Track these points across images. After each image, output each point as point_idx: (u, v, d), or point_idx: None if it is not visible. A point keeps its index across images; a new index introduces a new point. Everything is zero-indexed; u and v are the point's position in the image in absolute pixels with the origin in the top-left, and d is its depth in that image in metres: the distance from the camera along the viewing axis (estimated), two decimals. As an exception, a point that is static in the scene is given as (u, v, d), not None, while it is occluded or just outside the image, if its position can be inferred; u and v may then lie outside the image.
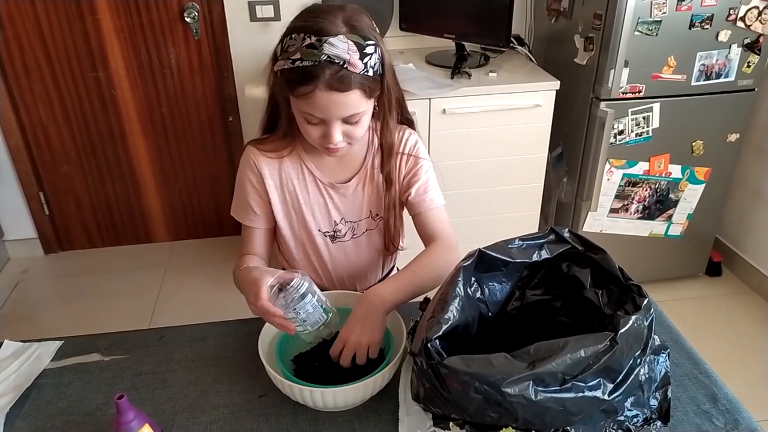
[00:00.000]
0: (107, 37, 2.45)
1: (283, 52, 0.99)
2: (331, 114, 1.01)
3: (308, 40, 0.96)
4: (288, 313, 0.93)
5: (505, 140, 2.25)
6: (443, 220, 1.21)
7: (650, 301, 0.84)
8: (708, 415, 0.94)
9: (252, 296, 0.95)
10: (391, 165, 1.18)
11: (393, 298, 1.03)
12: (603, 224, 2.38)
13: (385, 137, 1.16)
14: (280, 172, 1.16)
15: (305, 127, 1.05)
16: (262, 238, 1.21)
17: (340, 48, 0.95)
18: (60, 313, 2.52)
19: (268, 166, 1.16)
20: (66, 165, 2.71)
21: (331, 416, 0.95)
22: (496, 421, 0.79)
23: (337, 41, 0.95)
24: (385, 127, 1.15)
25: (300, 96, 0.99)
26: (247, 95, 2.61)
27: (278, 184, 1.17)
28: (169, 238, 2.98)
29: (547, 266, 0.97)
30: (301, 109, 1.03)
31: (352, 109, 1.01)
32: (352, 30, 0.98)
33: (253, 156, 1.16)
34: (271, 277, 0.95)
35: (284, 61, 0.99)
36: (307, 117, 1.03)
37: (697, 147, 2.27)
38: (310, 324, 0.96)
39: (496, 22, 2.21)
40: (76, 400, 1.00)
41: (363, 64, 0.97)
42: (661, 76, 2.11)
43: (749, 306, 2.49)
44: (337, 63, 0.95)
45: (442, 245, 1.16)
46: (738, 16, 2.04)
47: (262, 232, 1.20)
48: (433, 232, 1.19)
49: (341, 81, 0.97)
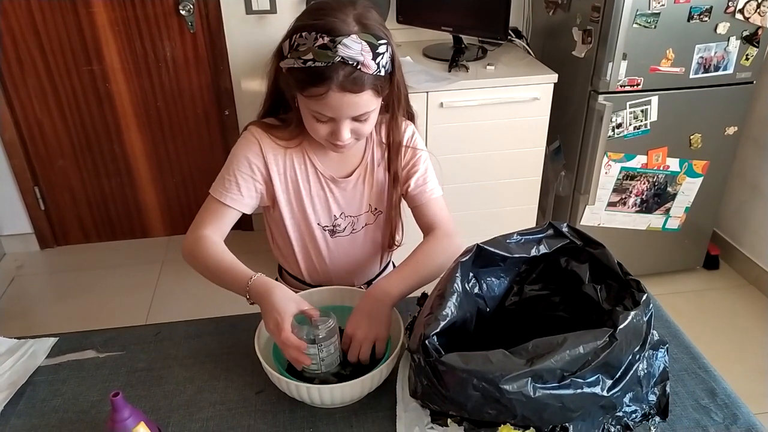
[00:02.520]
0: (102, 31, 2.43)
1: (292, 50, 0.97)
2: (342, 114, 1.00)
3: (321, 40, 0.93)
4: (310, 348, 0.92)
5: (503, 134, 2.24)
6: (442, 208, 1.20)
7: (649, 297, 0.83)
8: (707, 410, 0.93)
9: (272, 323, 0.92)
10: (399, 162, 1.17)
11: (398, 291, 1.02)
12: (601, 218, 2.38)
13: (394, 134, 1.15)
14: (284, 160, 1.14)
15: (313, 124, 1.04)
16: (230, 222, 1.13)
17: (354, 49, 0.93)
18: (56, 309, 2.51)
19: (273, 152, 1.13)
20: (61, 159, 2.69)
21: (328, 413, 0.95)
22: (495, 417, 0.79)
23: (350, 42, 0.93)
24: (393, 124, 1.14)
25: (311, 96, 0.98)
26: (243, 89, 2.59)
27: (281, 171, 1.14)
28: (166, 233, 2.97)
29: (546, 261, 0.97)
30: (311, 108, 1.01)
31: (363, 108, 1.00)
32: (364, 29, 0.96)
33: (259, 137, 1.12)
34: (294, 304, 0.94)
35: (294, 60, 0.96)
36: (316, 115, 1.02)
37: (695, 140, 2.26)
38: (326, 365, 0.95)
39: (494, 14, 2.19)
40: (71, 398, 0.99)
41: (376, 65, 0.96)
42: (660, 69, 2.10)
43: (747, 299, 2.49)
44: (351, 64, 0.94)
45: (442, 233, 1.15)
46: (737, 8, 2.03)
47: (234, 214, 1.12)
48: (432, 221, 1.18)
49: (354, 82, 0.95)
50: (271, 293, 0.95)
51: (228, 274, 1.04)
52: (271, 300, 0.94)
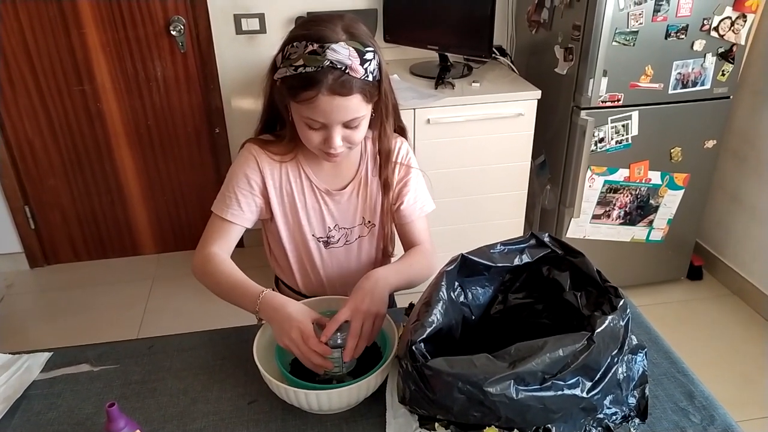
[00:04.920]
0: (93, 51, 2.46)
1: (285, 59, 1.02)
2: (333, 118, 1.04)
3: (310, 47, 0.99)
4: (334, 353, 0.97)
5: (489, 149, 2.29)
6: (426, 229, 1.27)
7: (626, 302, 0.87)
8: (685, 412, 0.97)
9: (295, 333, 0.95)
10: (389, 170, 1.22)
11: (395, 280, 1.08)
12: (586, 230, 2.42)
13: (383, 143, 1.20)
14: (280, 174, 1.18)
15: (306, 132, 1.08)
16: (235, 237, 1.18)
17: (341, 54, 0.99)
18: (47, 328, 2.50)
19: (270, 167, 1.17)
20: (52, 179, 2.70)
21: (320, 421, 0.97)
22: (480, 420, 0.81)
23: (338, 47, 0.99)
24: (382, 133, 1.18)
25: (303, 101, 1.02)
26: (234, 107, 2.63)
27: (278, 185, 1.19)
28: (156, 251, 2.98)
29: (529, 270, 1.00)
30: (303, 115, 1.05)
31: (353, 113, 1.05)
32: (351, 37, 1.02)
33: (256, 154, 1.17)
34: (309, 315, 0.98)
35: (286, 69, 1.02)
36: (308, 122, 1.06)
37: (675, 153, 2.32)
38: (347, 366, 1.01)
39: (479, 33, 2.25)
40: (66, 411, 1.01)
41: (363, 70, 1.01)
42: (639, 85, 2.16)
43: (730, 308, 2.53)
44: (339, 68, 0.99)
45: (426, 249, 1.24)
46: (711, 26, 2.10)
47: (238, 229, 1.17)
48: (416, 239, 1.26)
49: (343, 86, 1.00)
50: (286, 306, 0.99)
51: (238, 289, 1.07)
52: (287, 312, 0.98)
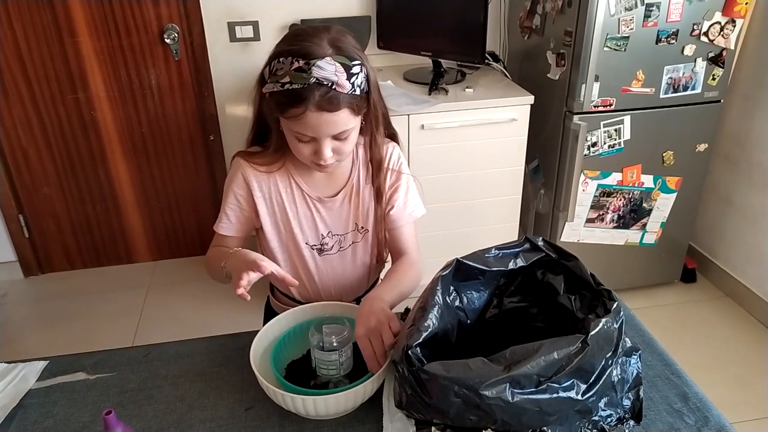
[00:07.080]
0: (87, 59, 2.47)
1: (272, 75, 1.03)
2: (322, 132, 1.05)
3: (296, 63, 0.99)
4: (332, 355, 0.99)
5: (483, 154, 2.30)
6: (414, 235, 1.28)
7: (620, 305, 0.88)
8: (679, 414, 0.97)
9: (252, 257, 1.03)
10: (381, 179, 1.22)
11: (389, 298, 1.09)
12: (580, 234, 2.44)
13: (374, 152, 1.20)
14: (269, 185, 1.20)
15: (296, 145, 1.09)
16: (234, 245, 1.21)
17: (327, 70, 0.99)
18: (41, 337, 2.49)
19: (256, 178, 1.19)
20: (46, 187, 2.70)
21: (317, 426, 0.97)
22: (476, 423, 0.82)
23: (324, 64, 0.99)
24: (373, 142, 1.19)
25: (290, 117, 1.03)
26: (228, 114, 2.63)
27: (267, 196, 1.20)
28: (151, 258, 2.97)
29: (523, 274, 1.01)
30: (292, 129, 1.06)
31: (342, 126, 1.05)
32: (338, 51, 1.01)
33: (242, 168, 1.19)
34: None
35: (273, 84, 1.02)
36: (298, 136, 1.07)
37: (667, 157, 2.34)
38: (344, 368, 1.01)
39: (472, 39, 2.27)
40: (63, 419, 1.01)
41: (350, 84, 1.01)
42: (631, 90, 2.18)
43: (724, 311, 2.55)
44: (326, 84, 0.99)
45: (411, 259, 1.24)
46: (701, 31, 2.13)
47: (234, 240, 1.23)
48: (404, 247, 1.26)
49: (330, 102, 1.00)
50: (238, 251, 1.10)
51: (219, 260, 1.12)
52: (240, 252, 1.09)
